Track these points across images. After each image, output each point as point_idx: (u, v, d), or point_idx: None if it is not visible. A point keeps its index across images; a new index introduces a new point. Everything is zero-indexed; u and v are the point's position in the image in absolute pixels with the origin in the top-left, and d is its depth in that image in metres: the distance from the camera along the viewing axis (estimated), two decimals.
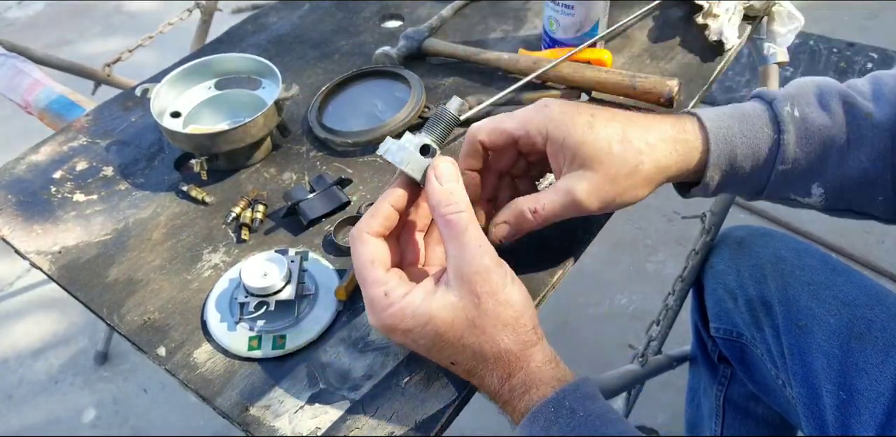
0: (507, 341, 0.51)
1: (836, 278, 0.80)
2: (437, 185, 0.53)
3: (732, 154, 0.58)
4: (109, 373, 1.59)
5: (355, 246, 0.54)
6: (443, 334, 0.51)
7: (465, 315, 0.51)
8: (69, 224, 0.73)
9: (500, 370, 0.52)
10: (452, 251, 0.51)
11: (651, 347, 1.22)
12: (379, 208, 0.55)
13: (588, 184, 0.55)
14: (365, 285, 0.53)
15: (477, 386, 0.55)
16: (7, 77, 0.98)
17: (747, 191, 0.63)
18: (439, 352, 0.53)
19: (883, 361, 0.71)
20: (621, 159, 0.55)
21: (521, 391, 0.51)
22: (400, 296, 0.52)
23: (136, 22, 2.65)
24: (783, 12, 0.92)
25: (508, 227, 0.58)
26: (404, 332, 0.52)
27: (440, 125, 0.57)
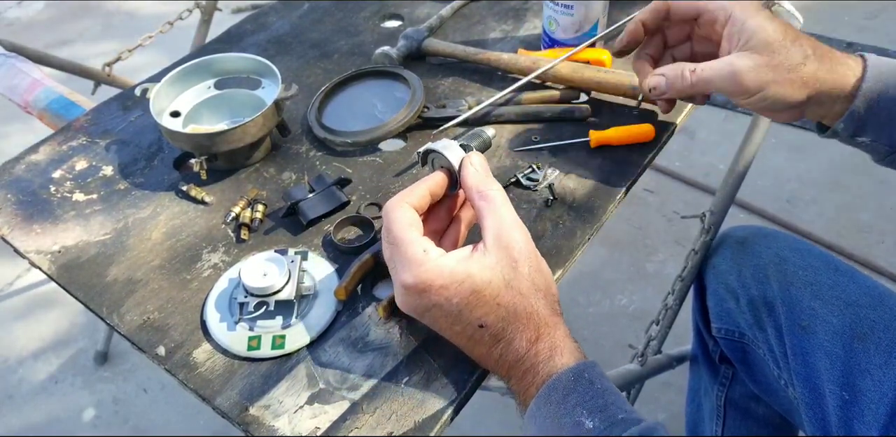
0: (540, 304, 0.54)
1: (839, 279, 0.79)
2: (473, 169, 0.58)
3: (885, 91, 0.60)
4: (109, 373, 1.59)
5: (392, 213, 0.56)
6: (480, 290, 0.52)
7: (502, 276, 0.53)
8: (69, 224, 0.73)
9: (531, 331, 0.53)
10: (490, 222, 0.55)
11: (651, 347, 1.22)
12: (415, 187, 0.58)
13: (752, 62, 0.59)
14: (402, 245, 0.54)
15: (497, 356, 0.54)
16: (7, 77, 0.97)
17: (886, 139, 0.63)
18: (471, 312, 0.53)
19: (886, 362, 0.71)
20: (789, 52, 0.59)
21: (547, 356, 0.52)
22: (437, 255, 0.54)
23: (136, 22, 2.65)
24: (783, 12, 0.91)
25: (664, 78, 0.63)
26: (439, 289, 0.52)
27: (476, 140, 0.64)
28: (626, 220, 1.81)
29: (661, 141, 0.76)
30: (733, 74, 0.60)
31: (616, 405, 0.50)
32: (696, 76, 0.61)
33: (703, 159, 1.91)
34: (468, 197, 0.58)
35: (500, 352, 0.54)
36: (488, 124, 0.80)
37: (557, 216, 0.70)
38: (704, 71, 0.61)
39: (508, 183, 0.73)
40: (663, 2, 0.65)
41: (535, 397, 0.52)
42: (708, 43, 0.67)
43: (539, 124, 0.80)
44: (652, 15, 0.66)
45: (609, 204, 0.71)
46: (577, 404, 0.50)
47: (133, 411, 1.52)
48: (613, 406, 0.50)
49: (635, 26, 0.67)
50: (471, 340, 0.55)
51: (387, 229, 0.56)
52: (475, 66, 0.87)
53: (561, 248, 0.67)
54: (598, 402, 0.50)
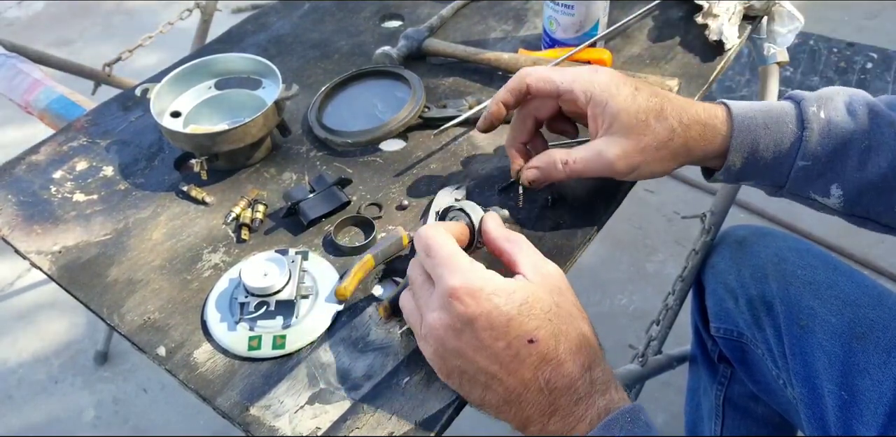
0: (587, 330, 0.53)
1: (838, 278, 0.80)
2: (495, 224, 0.60)
3: (755, 143, 0.61)
4: (109, 373, 1.59)
5: (430, 231, 0.56)
6: (531, 303, 0.50)
7: (550, 297, 0.52)
8: (69, 224, 0.73)
9: (582, 355, 0.50)
10: (524, 258, 0.55)
11: (651, 347, 1.22)
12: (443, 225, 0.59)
13: (620, 149, 0.60)
14: (446, 256, 0.53)
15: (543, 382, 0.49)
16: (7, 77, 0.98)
17: (768, 183, 0.65)
18: (521, 324, 0.49)
19: (885, 361, 0.71)
20: (655, 133, 0.60)
21: (603, 388, 0.49)
22: (483, 268, 0.53)
23: (136, 22, 2.65)
24: (783, 12, 0.92)
25: (538, 172, 0.64)
26: (489, 295, 0.50)
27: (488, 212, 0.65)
28: (626, 220, 1.81)
29: None
30: (604, 164, 0.61)
31: None
32: (569, 169, 0.62)
33: None
34: (493, 246, 0.58)
35: (547, 376, 0.48)
36: None
37: (558, 216, 0.70)
38: (577, 163, 0.62)
39: (509, 183, 0.73)
40: (523, 82, 0.63)
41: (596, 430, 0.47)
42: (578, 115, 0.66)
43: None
44: (512, 95, 0.65)
45: (610, 204, 0.71)
46: None
47: (133, 411, 1.52)
48: None
49: (497, 107, 0.66)
50: (515, 359, 0.49)
51: (426, 246, 0.54)
52: (476, 66, 0.87)
53: (562, 248, 0.67)
54: None
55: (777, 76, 1.02)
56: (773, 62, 0.98)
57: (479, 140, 0.79)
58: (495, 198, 0.72)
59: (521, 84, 0.64)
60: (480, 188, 0.73)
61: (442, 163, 0.77)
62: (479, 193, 0.73)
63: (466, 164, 0.76)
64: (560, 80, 0.62)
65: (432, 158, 0.77)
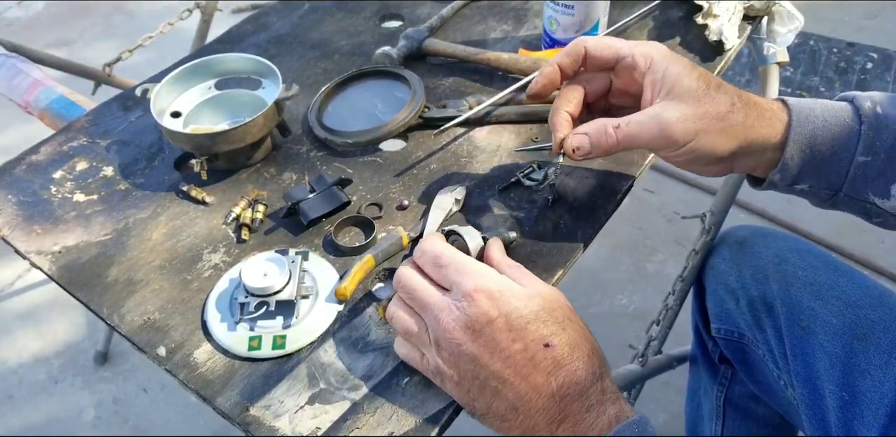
0: (596, 345, 0.53)
1: (839, 279, 0.79)
2: (497, 251, 0.60)
3: (813, 136, 0.58)
4: (109, 373, 1.59)
5: (433, 238, 0.58)
6: (549, 309, 0.52)
7: (565, 303, 0.54)
8: (69, 224, 0.73)
9: (594, 366, 0.51)
10: (528, 282, 0.56)
11: (651, 347, 1.22)
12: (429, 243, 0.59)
13: (679, 112, 0.56)
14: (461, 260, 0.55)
15: (555, 387, 0.49)
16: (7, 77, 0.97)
17: (825, 185, 0.61)
18: (538, 328, 0.50)
19: (886, 362, 0.71)
20: (715, 101, 0.56)
21: (614, 397, 0.50)
22: (498, 273, 0.55)
23: (136, 22, 2.65)
24: (783, 12, 0.91)
25: (586, 137, 0.58)
26: (510, 297, 0.52)
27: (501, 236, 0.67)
28: (627, 220, 1.81)
29: None
30: (661, 127, 0.56)
31: None
32: (621, 133, 0.57)
33: None
34: (497, 269, 0.57)
35: (560, 382, 0.48)
36: (489, 124, 0.80)
37: (558, 216, 0.70)
38: (630, 126, 0.57)
39: (509, 183, 0.73)
40: (581, 45, 0.60)
41: None
42: (626, 97, 0.63)
43: (540, 124, 0.80)
44: (569, 58, 0.61)
45: (610, 204, 0.71)
46: None
47: (133, 411, 1.52)
48: None
49: (552, 68, 0.62)
50: (530, 363, 0.49)
51: (435, 257, 0.55)
52: (476, 67, 0.87)
53: (562, 248, 0.67)
54: None
55: (777, 76, 1.02)
56: (773, 62, 0.98)
57: (479, 140, 0.79)
58: (495, 198, 0.72)
59: (578, 47, 0.60)
60: (480, 188, 0.73)
61: (442, 163, 0.76)
62: (479, 193, 0.73)
63: (466, 164, 0.76)
64: (620, 45, 0.60)
65: (432, 158, 0.77)
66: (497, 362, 0.50)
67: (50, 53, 1.22)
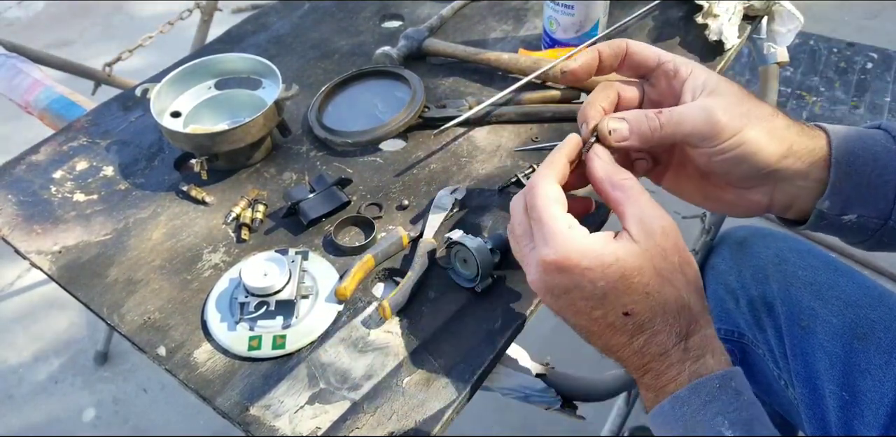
0: (692, 298, 0.51)
1: (839, 279, 0.79)
2: (601, 161, 0.54)
3: (854, 154, 0.55)
4: (109, 373, 1.59)
5: (537, 187, 0.52)
6: (629, 276, 0.49)
7: (652, 264, 0.50)
8: (69, 224, 0.73)
9: (680, 325, 0.49)
10: (632, 211, 0.51)
11: None
12: (556, 158, 0.54)
13: (724, 102, 0.53)
14: (546, 220, 0.51)
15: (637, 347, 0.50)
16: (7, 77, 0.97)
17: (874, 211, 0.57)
18: (616, 298, 0.49)
19: (886, 362, 0.70)
20: (759, 105, 0.54)
21: (697, 354, 0.49)
22: (583, 234, 0.50)
23: (136, 22, 2.65)
24: (783, 12, 0.92)
25: (625, 122, 0.54)
26: (583, 270, 0.49)
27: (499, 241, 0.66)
28: None
29: None
30: (708, 114, 0.52)
31: (760, 421, 0.48)
32: (664, 117, 0.53)
33: None
34: (599, 190, 0.54)
35: (641, 343, 0.50)
36: (489, 124, 0.80)
37: None
38: (673, 112, 0.53)
39: (509, 183, 0.73)
40: (623, 42, 0.58)
41: (672, 395, 0.49)
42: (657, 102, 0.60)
43: (540, 124, 0.80)
44: (610, 49, 0.58)
45: None
46: (719, 412, 0.47)
47: (133, 411, 1.52)
48: (757, 422, 0.47)
49: (593, 54, 0.58)
50: (610, 327, 0.50)
51: (531, 205, 0.52)
52: (476, 67, 0.87)
53: None
54: (743, 415, 0.47)
55: (777, 76, 1.02)
56: (773, 62, 0.98)
57: (479, 140, 0.79)
58: (495, 198, 0.72)
59: (621, 43, 0.58)
60: (480, 188, 0.73)
61: (442, 163, 0.76)
62: (479, 193, 0.73)
63: (466, 164, 0.76)
64: (662, 52, 0.58)
65: (432, 158, 0.77)
66: (581, 321, 0.52)
67: (50, 53, 1.22)
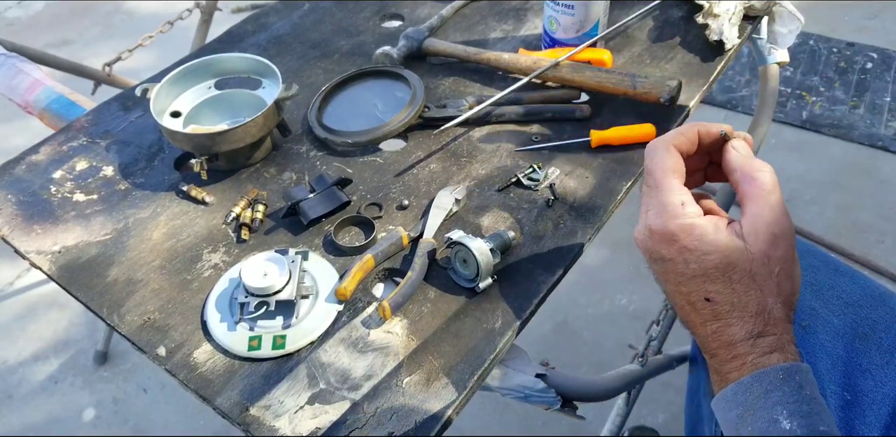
0: (776, 307, 0.51)
1: (839, 279, 0.79)
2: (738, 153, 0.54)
3: None
4: (109, 373, 1.59)
5: (657, 154, 0.53)
6: (722, 269, 0.50)
7: (749, 266, 0.50)
8: (69, 224, 0.73)
9: (754, 324, 0.50)
10: (754, 208, 0.51)
11: (651, 347, 1.22)
12: (687, 130, 0.55)
13: None
14: (661, 190, 0.52)
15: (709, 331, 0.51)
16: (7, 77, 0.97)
17: None
18: (702, 284, 0.50)
19: (888, 362, 0.71)
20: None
21: (764, 350, 0.50)
22: (694, 213, 0.51)
23: (136, 22, 2.65)
24: (784, 12, 0.92)
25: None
26: (682, 248, 0.50)
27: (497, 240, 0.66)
28: (626, 220, 1.80)
29: None
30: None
31: (820, 417, 0.48)
32: None
33: None
34: (732, 180, 0.54)
35: (713, 329, 0.51)
36: (489, 124, 0.80)
37: (558, 216, 0.70)
38: None
39: (509, 183, 0.73)
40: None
41: (736, 382, 0.49)
42: None
43: (540, 124, 0.80)
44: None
45: (610, 204, 0.71)
46: (779, 402, 0.48)
47: (133, 411, 1.52)
48: (817, 416, 0.47)
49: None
50: (691, 305, 0.52)
51: (648, 170, 0.53)
52: (476, 66, 0.87)
53: (562, 248, 0.67)
54: (803, 407, 0.47)
55: (777, 76, 1.02)
56: (773, 62, 0.98)
57: (479, 140, 0.79)
58: (495, 198, 0.72)
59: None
60: (480, 188, 0.73)
61: (442, 163, 0.76)
62: (479, 193, 0.73)
63: (466, 164, 0.76)
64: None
65: (432, 158, 0.77)
66: (669, 288, 0.54)
67: (50, 53, 1.22)
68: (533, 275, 0.65)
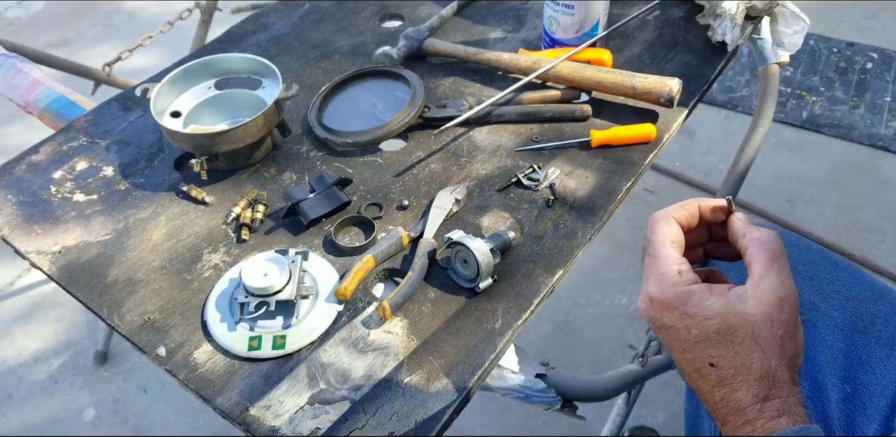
0: (780, 368, 0.51)
1: (839, 274, 0.80)
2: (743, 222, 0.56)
3: None
4: (109, 373, 1.59)
5: (658, 225, 0.54)
6: (723, 333, 0.50)
7: (751, 330, 0.51)
8: (69, 224, 0.73)
9: (760, 388, 0.51)
10: (760, 271, 0.52)
11: (651, 347, 1.22)
12: (688, 204, 0.56)
13: None
14: (659, 260, 0.53)
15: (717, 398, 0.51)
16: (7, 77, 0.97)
17: None
18: (706, 349, 0.51)
19: (887, 355, 0.71)
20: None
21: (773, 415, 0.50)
22: (691, 280, 0.52)
23: (136, 22, 2.65)
24: (786, 13, 0.91)
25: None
26: (683, 315, 0.51)
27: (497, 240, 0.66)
28: (627, 220, 1.80)
29: (662, 141, 0.76)
30: None
31: None
32: None
33: (704, 159, 1.91)
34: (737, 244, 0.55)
35: (721, 395, 0.51)
36: (489, 124, 0.80)
37: (558, 216, 0.70)
38: None
39: (509, 183, 0.73)
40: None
41: None
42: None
43: (540, 124, 0.80)
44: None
45: (610, 204, 0.71)
46: None
47: (133, 411, 1.52)
48: None
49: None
50: (697, 372, 0.53)
51: (648, 240, 0.54)
52: (476, 66, 0.87)
53: (562, 248, 0.67)
54: None
55: (777, 76, 1.02)
56: (773, 62, 0.98)
57: (479, 140, 0.79)
58: (495, 198, 0.72)
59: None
60: (480, 188, 0.73)
61: (442, 163, 0.76)
62: (479, 193, 0.73)
63: (466, 164, 0.76)
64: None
65: (432, 158, 0.77)
66: (675, 355, 0.54)
67: (50, 53, 1.22)
68: (533, 275, 0.65)
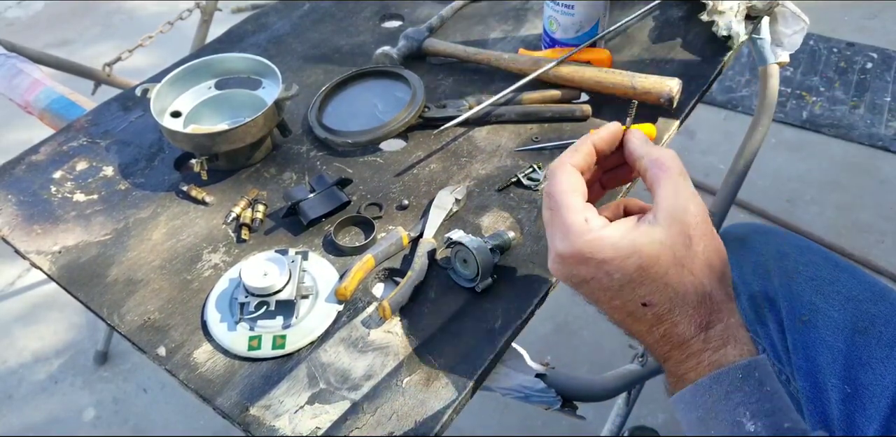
0: (714, 286, 0.49)
1: (840, 274, 0.80)
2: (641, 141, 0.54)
3: None
4: (109, 373, 1.59)
5: (555, 175, 0.53)
6: (647, 268, 0.48)
7: (672, 253, 0.49)
8: (69, 224, 0.73)
9: (700, 316, 0.49)
10: (665, 192, 0.51)
11: None
12: (581, 145, 0.54)
13: None
14: (561, 211, 0.51)
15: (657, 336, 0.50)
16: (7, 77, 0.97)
17: None
18: (633, 290, 0.49)
19: (888, 355, 0.71)
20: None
21: (718, 344, 0.48)
22: (600, 226, 0.50)
23: (136, 22, 2.65)
24: (786, 13, 0.91)
25: None
26: (599, 263, 0.49)
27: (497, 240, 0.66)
28: None
29: (662, 141, 0.76)
30: None
31: (783, 412, 0.47)
32: None
33: (704, 159, 1.91)
34: (636, 165, 0.54)
35: (661, 333, 0.50)
36: (489, 124, 0.80)
37: None
38: None
39: (509, 183, 0.73)
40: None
41: (695, 383, 0.48)
42: None
43: (540, 124, 0.80)
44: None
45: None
46: (741, 403, 0.47)
47: (133, 411, 1.52)
48: (780, 413, 0.47)
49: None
50: (630, 316, 0.51)
51: (547, 193, 0.52)
52: (476, 66, 0.87)
53: None
54: (766, 406, 0.47)
55: (777, 76, 1.02)
56: (772, 62, 0.98)
57: (479, 140, 0.79)
58: (495, 198, 0.72)
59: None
60: (480, 188, 0.73)
61: (442, 163, 0.76)
62: (479, 193, 0.73)
63: (466, 164, 0.76)
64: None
65: (432, 158, 0.77)
66: (603, 307, 0.52)
67: (50, 53, 1.22)
68: (533, 275, 0.65)
